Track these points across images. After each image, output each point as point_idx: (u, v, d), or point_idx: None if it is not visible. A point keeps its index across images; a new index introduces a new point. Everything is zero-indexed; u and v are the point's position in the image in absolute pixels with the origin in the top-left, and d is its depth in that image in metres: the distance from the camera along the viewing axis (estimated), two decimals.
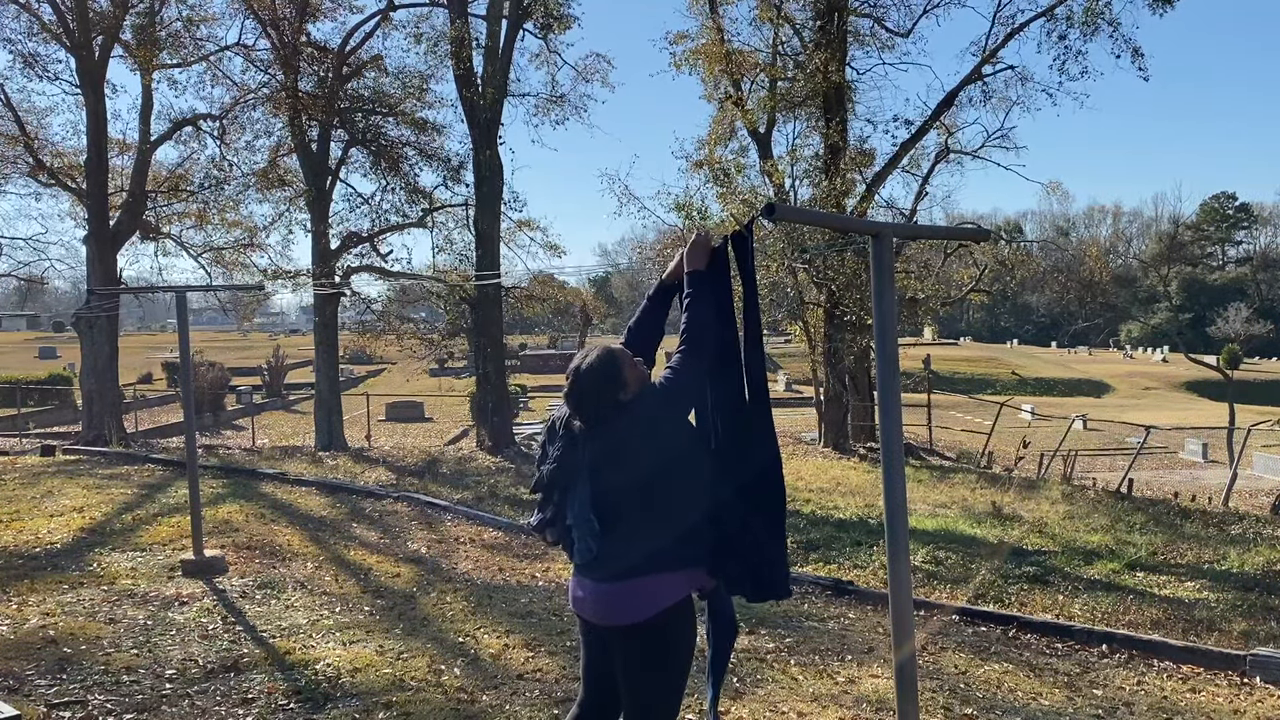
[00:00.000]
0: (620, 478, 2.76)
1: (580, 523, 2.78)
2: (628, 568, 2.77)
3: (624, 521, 2.76)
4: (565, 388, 2.87)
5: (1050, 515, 11.73)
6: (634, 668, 2.86)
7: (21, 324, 78.45)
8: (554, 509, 2.90)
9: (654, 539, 2.76)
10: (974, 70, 19.66)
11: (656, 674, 2.85)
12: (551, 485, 2.90)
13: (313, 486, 11.99)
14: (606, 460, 2.77)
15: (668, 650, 2.85)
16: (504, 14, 19.14)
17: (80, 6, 18.15)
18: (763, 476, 2.88)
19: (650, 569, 2.77)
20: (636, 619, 2.79)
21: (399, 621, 6.02)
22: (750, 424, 2.90)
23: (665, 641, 2.83)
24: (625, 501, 2.76)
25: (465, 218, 20.61)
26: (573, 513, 2.81)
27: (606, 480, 2.77)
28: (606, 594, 2.82)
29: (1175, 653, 6.16)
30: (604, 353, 2.85)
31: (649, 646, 2.82)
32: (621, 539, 2.75)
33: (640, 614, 2.78)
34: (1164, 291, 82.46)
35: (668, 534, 2.77)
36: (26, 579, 6.72)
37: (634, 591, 2.78)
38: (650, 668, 2.84)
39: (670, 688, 2.89)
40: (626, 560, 2.76)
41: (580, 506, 2.79)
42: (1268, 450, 22.20)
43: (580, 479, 2.80)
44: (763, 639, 5.97)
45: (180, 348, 7.31)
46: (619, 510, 2.76)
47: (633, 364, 2.87)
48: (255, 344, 56.81)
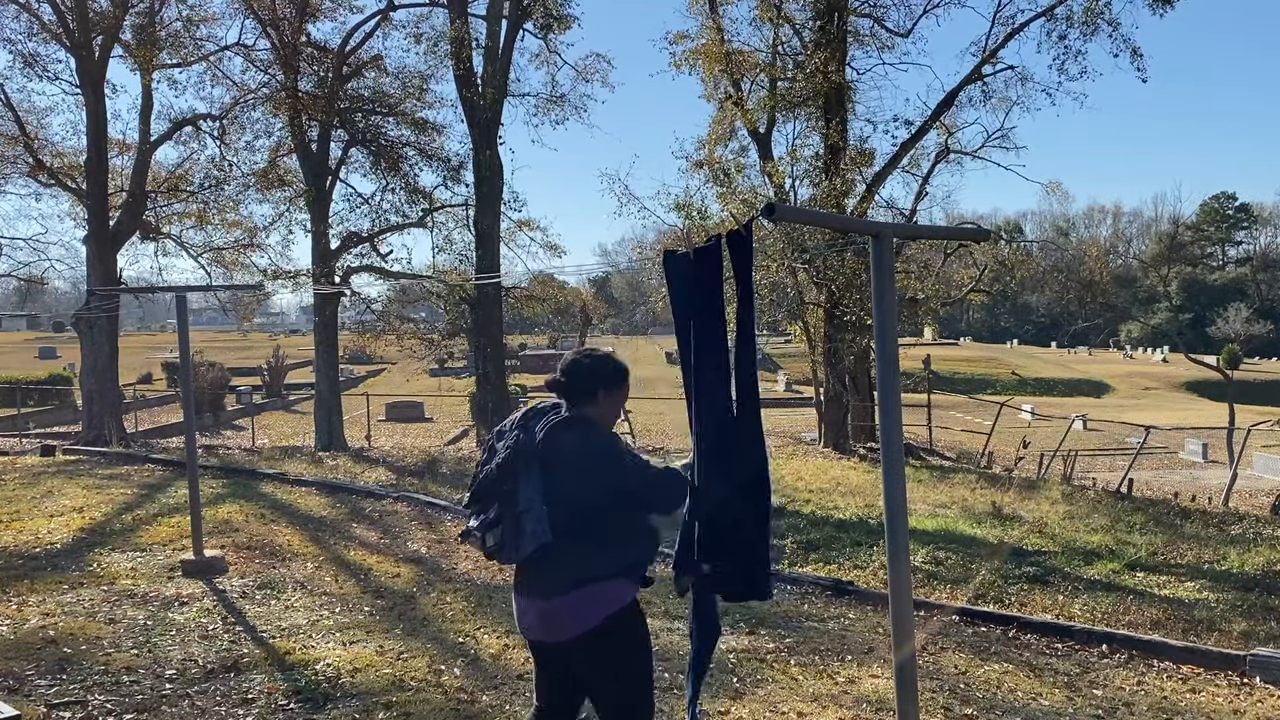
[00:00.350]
0: (569, 487, 2.83)
1: (534, 507, 2.81)
2: (566, 582, 2.83)
3: (565, 532, 2.81)
4: (568, 359, 3.04)
5: (1050, 515, 11.72)
6: (594, 677, 2.95)
7: (21, 324, 78.47)
8: (500, 505, 2.90)
9: (591, 554, 2.84)
10: (974, 70, 19.66)
11: (616, 678, 2.93)
12: (503, 474, 2.91)
13: (313, 486, 11.98)
14: (561, 458, 2.84)
15: (619, 653, 2.92)
16: (504, 14, 19.16)
17: (80, 6, 18.15)
18: (756, 477, 2.89)
19: (588, 580, 2.84)
20: (580, 630, 2.85)
21: (399, 621, 6.02)
22: (741, 425, 2.91)
23: (615, 646, 2.90)
24: (568, 513, 2.82)
25: (465, 218, 20.63)
26: (525, 498, 2.84)
27: (555, 478, 2.84)
28: (548, 611, 2.89)
29: (1175, 653, 6.15)
30: (620, 362, 3.09)
31: (600, 654, 2.89)
32: (561, 555, 2.81)
33: (583, 625, 2.85)
34: (1164, 291, 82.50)
35: (604, 552, 2.86)
36: (26, 579, 6.73)
37: (574, 604, 2.84)
38: (608, 674, 2.92)
39: (635, 687, 2.97)
40: (565, 574, 2.83)
41: (533, 492, 2.83)
42: (1268, 450, 22.20)
43: (533, 465, 2.86)
44: (763, 639, 5.97)
45: (180, 348, 7.32)
46: (562, 516, 2.82)
47: (625, 393, 3.09)
48: (255, 344, 56.82)
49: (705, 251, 3.03)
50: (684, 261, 3.04)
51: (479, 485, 2.98)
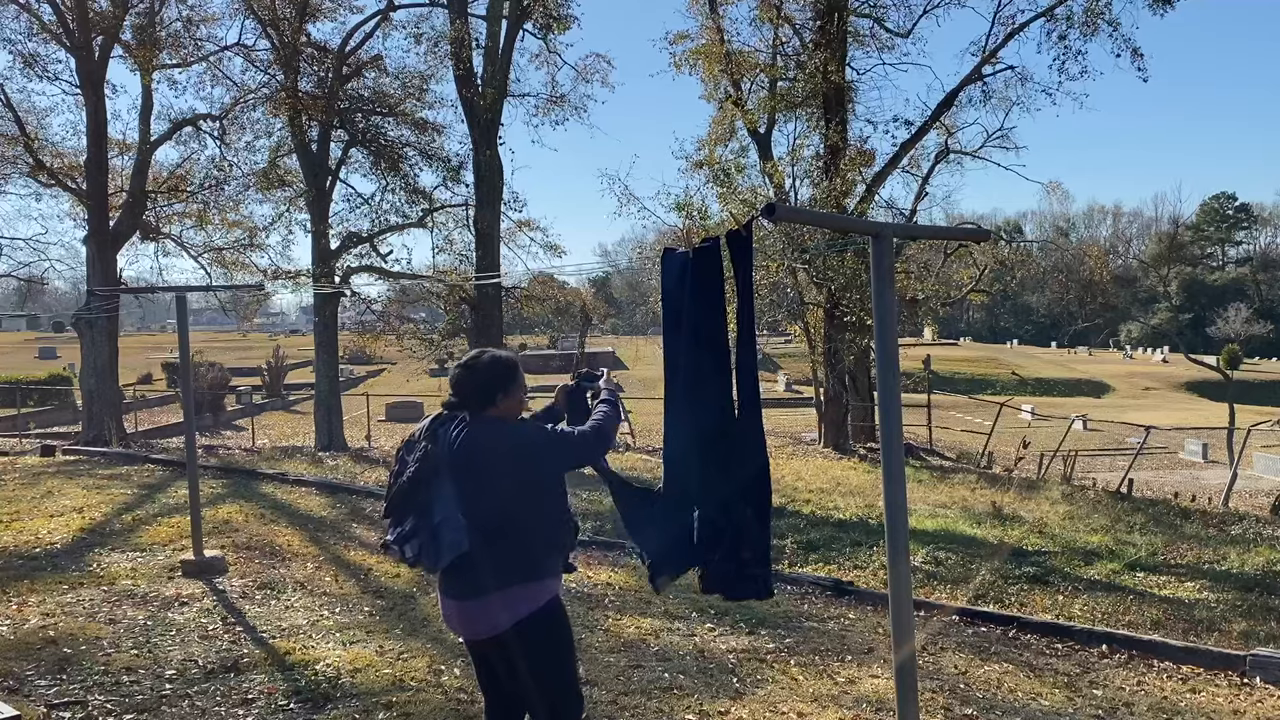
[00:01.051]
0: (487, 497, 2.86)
1: (450, 518, 2.84)
2: (483, 583, 2.87)
3: (482, 535, 2.84)
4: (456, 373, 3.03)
5: (1050, 515, 11.72)
6: (517, 673, 2.99)
7: (21, 324, 78.45)
8: (415, 517, 2.93)
9: (511, 559, 2.88)
10: (974, 70, 19.68)
11: (538, 673, 2.98)
12: (415, 485, 2.94)
13: (312, 487, 11.98)
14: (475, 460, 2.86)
15: (539, 651, 2.97)
16: (504, 14, 19.15)
17: (80, 7, 18.14)
18: (756, 476, 2.90)
19: (505, 583, 2.88)
20: (497, 630, 2.91)
21: (399, 622, 6.02)
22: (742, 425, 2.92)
23: (534, 644, 2.95)
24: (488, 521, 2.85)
25: (465, 218, 20.62)
26: (440, 509, 2.86)
27: (469, 484, 2.86)
28: (468, 610, 2.94)
29: (1175, 653, 6.15)
30: (508, 357, 3.06)
31: (520, 652, 2.94)
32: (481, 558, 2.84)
33: (501, 625, 2.90)
34: (1164, 292, 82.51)
35: (523, 553, 2.90)
36: (26, 579, 6.72)
37: (492, 605, 2.89)
38: (530, 669, 2.98)
39: (559, 682, 3.03)
40: (483, 575, 2.86)
41: (447, 503, 2.85)
42: (1268, 450, 22.18)
43: (444, 478, 2.88)
44: (763, 639, 5.97)
45: (180, 348, 7.31)
46: (481, 528, 2.84)
47: (522, 385, 3.06)
48: (255, 344, 56.79)
49: (704, 251, 3.03)
50: (680, 260, 3.04)
51: (393, 498, 3.01)
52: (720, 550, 2.89)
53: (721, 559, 2.90)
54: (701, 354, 2.95)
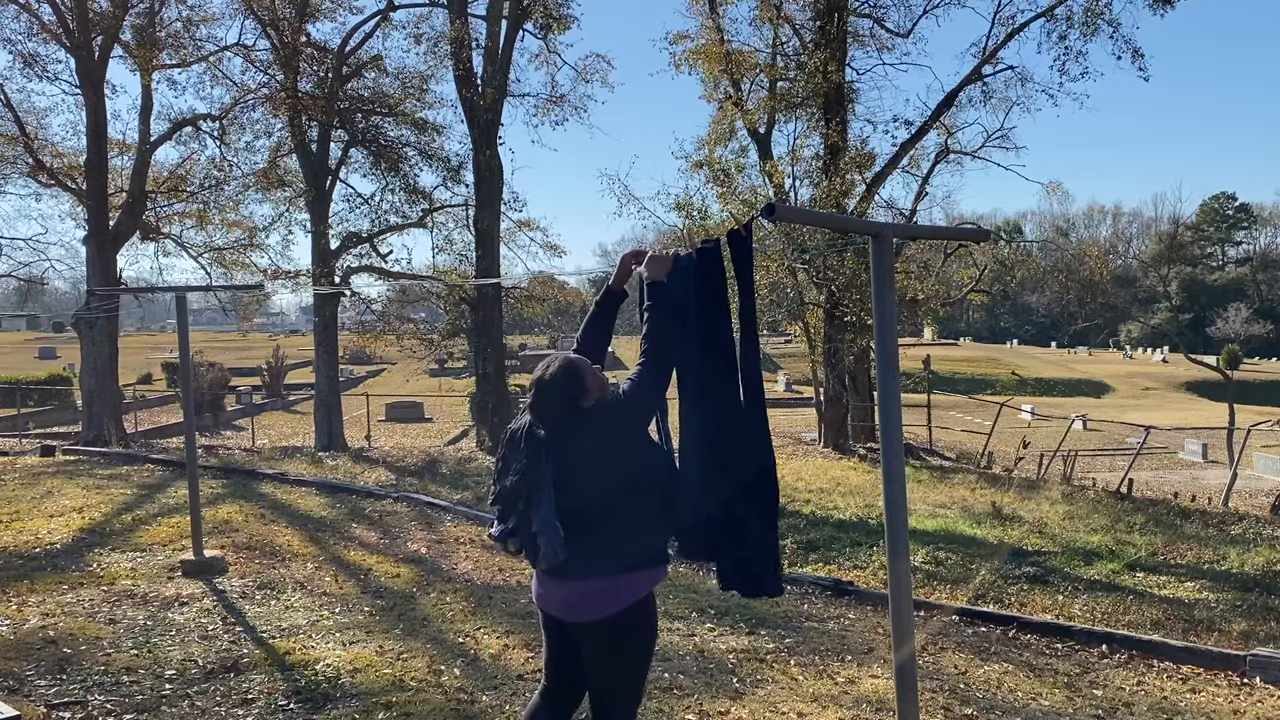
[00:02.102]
0: (584, 486, 2.85)
1: (547, 530, 2.83)
2: (591, 569, 2.87)
3: (588, 528, 2.84)
4: (529, 399, 2.97)
5: (1050, 515, 11.73)
6: (599, 660, 3.00)
7: (21, 324, 78.49)
8: (517, 519, 2.94)
9: (616, 543, 2.87)
10: (974, 71, 19.66)
11: (620, 666, 3.00)
12: (515, 496, 2.95)
13: (312, 487, 11.98)
14: (571, 469, 2.85)
15: (629, 644, 2.98)
16: (504, 14, 19.14)
17: (80, 7, 18.13)
18: (762, 474, 2.92)
19: (613, 570, 2.89)
20: (600, 616, 2.91)
21: (399, 622, 6.02)
22: (747, 422, 2.93)
23: (627, 636, 2.96)
24: (588, 509, 2.84)
25: (465, 218, 20.61)
26: (538, 520, 2.85)
27: (571, 489, 2.84)
28: (571, 592, 2.94)
29: (1175, 653, 6.15)
30: (565, 362, 2.95)
31: (612, 641, 2.95)
32: (585, 544, 2.84)
33: (604, 611, 2.90)
34: (1164, 292, 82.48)
35: (629, 538, 2.89)
36: (26, 579, 6.72)
37: (597, 591, 2.89)
38: (614, 661, 2.99)
39: (633, 678, 3.05)
40: (590, 562, 2.86)
41: (546, 515, 2.84)
42: (1268, 450, 22.19)
43: (544, 488, 2.86)
44: (763, 639, 5.97)
45: (180, 348, 7.31)
46: (582, 517, 2.84)
47: (593, 372, 2.97)
48: (255, 344, 56.80)
49: (705, 251, 3.05)
50: (683, 261, 3.06)
51: (498, 495, 3.02)
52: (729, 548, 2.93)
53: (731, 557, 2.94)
54: (705, 354, 2.96)
